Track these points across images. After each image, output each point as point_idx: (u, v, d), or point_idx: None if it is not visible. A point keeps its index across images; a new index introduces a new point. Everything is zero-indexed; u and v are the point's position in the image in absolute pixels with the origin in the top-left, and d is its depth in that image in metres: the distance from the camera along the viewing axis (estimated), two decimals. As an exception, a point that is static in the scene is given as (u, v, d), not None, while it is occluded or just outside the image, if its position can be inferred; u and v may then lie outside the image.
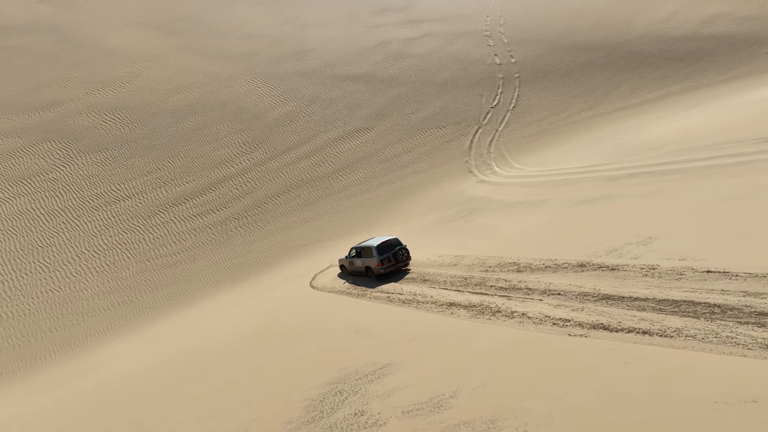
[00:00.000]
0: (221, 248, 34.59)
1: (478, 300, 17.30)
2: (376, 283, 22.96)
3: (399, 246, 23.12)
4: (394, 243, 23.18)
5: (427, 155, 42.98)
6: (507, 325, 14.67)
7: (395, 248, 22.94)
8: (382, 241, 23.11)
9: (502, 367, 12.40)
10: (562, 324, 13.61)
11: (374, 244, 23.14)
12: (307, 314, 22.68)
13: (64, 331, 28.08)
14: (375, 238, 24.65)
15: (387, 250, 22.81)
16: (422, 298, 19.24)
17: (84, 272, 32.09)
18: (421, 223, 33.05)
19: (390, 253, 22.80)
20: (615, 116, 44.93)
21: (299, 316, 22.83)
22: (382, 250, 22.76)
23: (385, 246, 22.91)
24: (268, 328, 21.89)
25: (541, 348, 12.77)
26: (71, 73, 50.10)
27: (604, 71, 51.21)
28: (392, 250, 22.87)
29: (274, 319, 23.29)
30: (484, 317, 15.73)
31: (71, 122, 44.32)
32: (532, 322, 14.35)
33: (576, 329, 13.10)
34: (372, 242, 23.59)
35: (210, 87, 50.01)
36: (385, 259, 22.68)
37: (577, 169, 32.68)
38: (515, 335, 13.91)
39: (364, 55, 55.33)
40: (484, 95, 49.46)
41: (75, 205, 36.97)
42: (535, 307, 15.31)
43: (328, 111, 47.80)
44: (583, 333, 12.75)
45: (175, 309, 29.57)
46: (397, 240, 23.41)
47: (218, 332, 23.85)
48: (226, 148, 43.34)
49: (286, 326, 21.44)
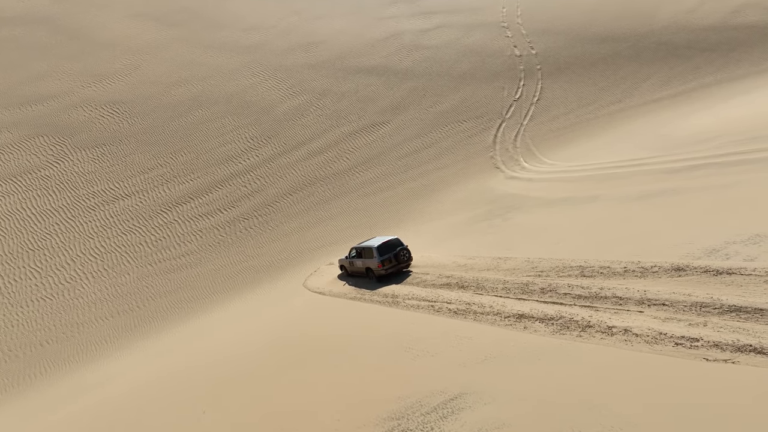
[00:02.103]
0: (230, 251, 31.57)
1: (553, 311, 14.37)
2: (377, 285, 21.97)
3: (400, 246, 22.30)
4: (395, 243, 22.40)
5: (449, 151, 40.07)
6: (608, 344, 11.75)
7: (396, 249, 22.16)
8: (383, 242, 22.32)
9: (627, 402, 9.47)
10: (690, 344, 10.69)
11: (375, 244, 22.30)
12: (337, 325, 19.72)
13: (56, 344, 25.00)
14: (376, 238, 23.71)
15: (388, 251, 22.08)
16: (479, 308, 16.30)
17: (79, 278, 29.01)
18: (450, 222, 30.14)
19: (391, 254, 22.05)
20: (646, 109, 42.14)
21: (327, 326, 19.86)
22: (383, 251, 22.02)
23: (386, 246, 22.15)
24: (292, 342, 18.91)
25: (674, 377, 9.85)
26: (66, 65, 47.06)
27: (630, 63, 48.45)
28: (393, 250, 22.11)
29: (297, 330, 20.31)
30: (572, 333, 12.80)
31: (66, 116, 41.29)
32: (643, 340, 11.43)
33: (713, 352, 10.19)
34: (372, 242, 22.73)
35: (214, 80, 47.04)
36: (386, 260, 21.96)
37: (621, 162, 29.80)
38: (626, 358, 10.99)
39: (376, 47, 52.46)
40: (505, 88, 46.63)
41: (70, 205, 33.92)
42: (636, 320, 12.40)
43: (340, 104, 44.90)
44: (728, 357, 9.84)
45: (181, 319, 26.54)
46: (398, 240, 22.61)
47: (232, 346, 20.84)
48: (232, 143, 40.37)
49: (313, 339, 18.47)
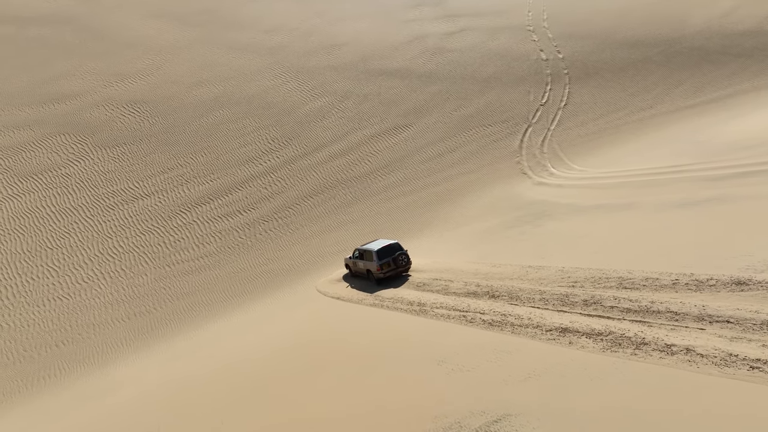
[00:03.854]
0: (249, 253, 30.87)
1: (600, 326, 13.26)
2: (399, 292, 21.25)
3: (399, 251, 22.88)
4: (395, 247, 22.98)
5: (474, 155, 39.03)
6: (668, 364, 10.63)
7: (395, 253, 22.77)
8: (383, 246, 22.92)
9: None
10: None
11: (375, 248, 22.91)
12: (359, 332, 18.77)
13: (72, 345, 24.44)
14: (378, 240, 24.37)
15: (387, 255, 22.69)
16: (516, 319, 15.23)
17: (97, 278, 28.51)
18: (477, 228, 29.08)
19: (390, 258, 22.64)
20: (680, 115, 40.68)
21: (349, 333, 18.92)
22: (383, 255, 22.64)
23: (385, 250, 22.75)
24: (315, 351, 18.00)
25: (753, 406, 8.73)
26: (89, 64, 47.05)
27: (661, 68, 47.00)
28: (392, 254, 22.72)
29: (320, 338, 19.41)
30: (625, 351, 11.69)
31: (87, 115, 41.12)
32: (710, 362, 10.30)
33: (797, 378, 9.05)
34: (373, 246, 23.37)
35: (235, 81, 46.65)
36: (385, 264, 22.58)
37: (658, 169, 28.51)
38: (693, 381, 9.87)
39: (399, 49, 51.70)
40: (531, 92, 45.50)
41: (89, 204, 33.55)
42: (699, 339, 11.26)
43: (362, 107, 44.14)
44: (818, 385, 8.70)
45: (198, 322, 25.83)
46: (397, 245, 23.15)
47: (251, 351, 20.01)
48: (253, 144, 39.80)
49: (338, 349, 17.54)
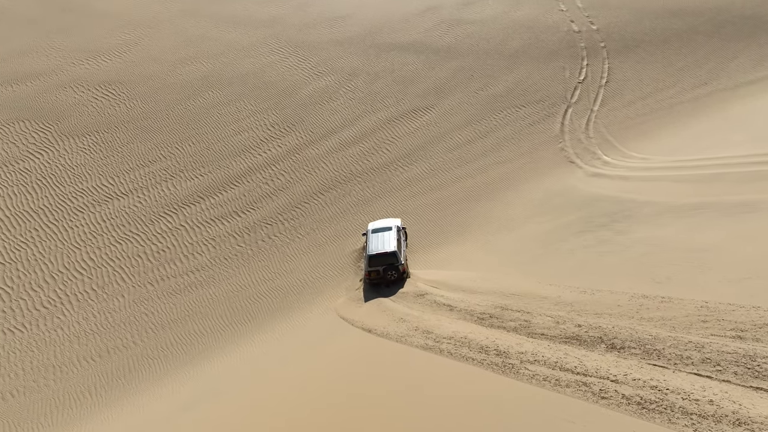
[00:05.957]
0: (251, 265, 25.20)
1: None
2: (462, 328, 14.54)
3: (388, 266, 21.43)
4: (388, 260, 21.48)
5: (509, 141, 33.45)
6: None
7: (385, 265, 21.47)
8: (377, 252, 21.67)
9: None
10: None
11: (370, 251, 21.86)
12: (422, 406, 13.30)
13: (23, 396, 18.71)
14: (386, 235, 22.61)
15: (377, 264, 21.54)
16: (690, 402, 9.80)
17: (60, 302, 22.70)
18: (532, 233, 23.66)
19: (380, 268, 21.52)
20: (743, 92, 35.37)
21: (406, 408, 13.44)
22: (373, 262, 21.59)
23: (377, 258, 21.56)
24: (341, 416, 12.55)
25: None
26: (55, 40, 40.60)
27: (711, 40, 41.50)
28: (382, 266, 21.50)
29: (344, 395, 13.91)
30: None
31: (52, 98, 34.88)
32: None
33: None
34: (371, 246, 22.12)
35: (226, 57, 40.49)
36: (373, 272, 21.61)
37: (756, 157, 23.19)
38: None
39: (411, 21, 45.64)
40: (566, 68, 39.83)
41: (52, 205, 27.59)
42: None
43: (374, 86, 38.28)
44: None
45: (190, 359, 20.25)
46: (393, 256, 21.45)
47: (258, 411, 14.53)
48: (249, 131, 33.87)
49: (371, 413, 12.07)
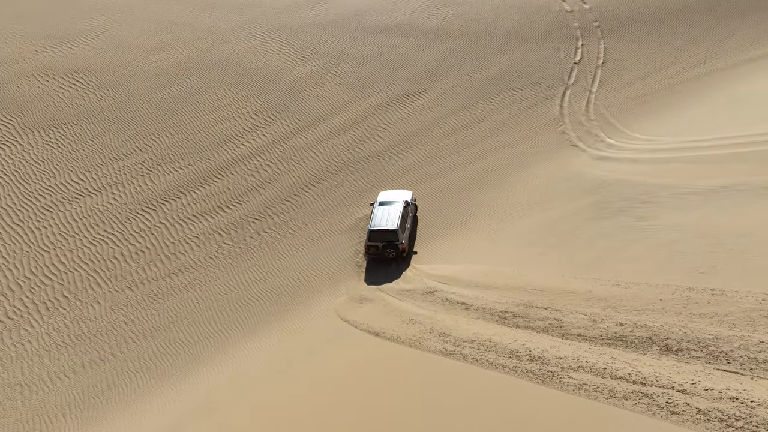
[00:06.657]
0: (239, 265, 23.22)
1: None
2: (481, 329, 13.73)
3: (388, 243, 21.56)
4: (388, 236, 21.57)
5: (507, 125, 31.87)
6: None
7: (385, 242, 21.64)
8: (378, 228, 21.74)
9: None
10: None
11: (372, 225, 21.98)
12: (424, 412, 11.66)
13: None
14: (392, 208, 22.44)
15: (378, 239, 21.69)
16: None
17: (27, 311, 20.46)
18: (542, 220, 22.15)
19: (379, 244, 21.69)
20: (742, 70, 34.34)
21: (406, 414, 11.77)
22: (374, 237, 21.76)
23: (378, 234, 21.68)
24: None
25: None
26: (16, 25, 37.71)
27: (706, 18, 40.40)
28: (382, 242, 21.69)
29: (354, 415, 12.21)
30: None
31: (14, 88, 32.19)
32: None
33: None
34: (373, 222, 22.08)
35: (203, 43, 38.07)
36: (372, 246, 21.81)
37: (761, 135, 21.97)
38: None
39: (397, 2, 43.64)
40: (561, 49, 38.36)
41: (16, 204, 25.16)
42: None
43: (362, 71, 36.31)
44: None
45: (174, 371, 18.30)
46: (394, 234, 21.54)
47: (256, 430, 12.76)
48: (231, 119, 31.68)
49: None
